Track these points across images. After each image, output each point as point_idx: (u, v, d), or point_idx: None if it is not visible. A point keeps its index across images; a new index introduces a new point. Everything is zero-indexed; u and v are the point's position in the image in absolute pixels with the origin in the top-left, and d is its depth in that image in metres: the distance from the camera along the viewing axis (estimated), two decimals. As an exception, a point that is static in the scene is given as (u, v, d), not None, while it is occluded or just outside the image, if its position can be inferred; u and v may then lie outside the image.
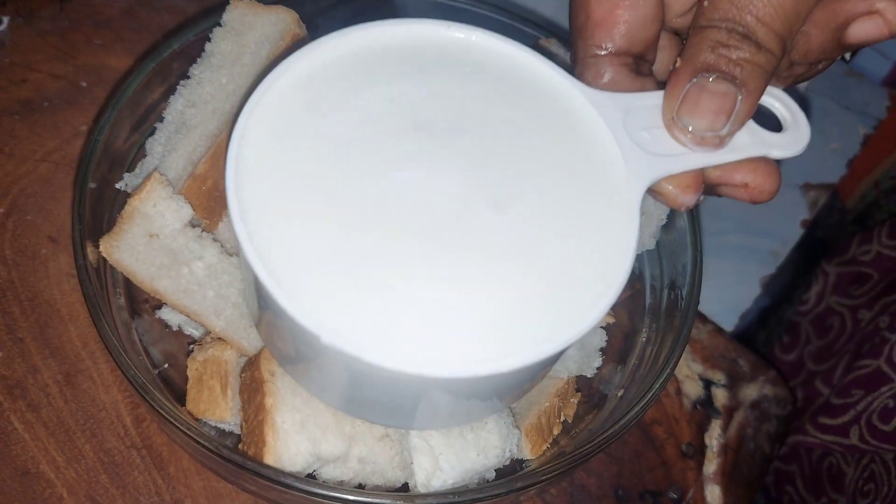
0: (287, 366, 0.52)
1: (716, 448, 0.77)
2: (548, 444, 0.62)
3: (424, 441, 0.53)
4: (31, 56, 0.83)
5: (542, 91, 0.50)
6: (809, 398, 1.04)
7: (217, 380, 0.57)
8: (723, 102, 0.46)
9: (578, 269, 0.45)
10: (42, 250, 0.72)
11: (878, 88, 1.21)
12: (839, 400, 0.98)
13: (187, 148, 0.58)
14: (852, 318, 1.05)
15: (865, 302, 1.04)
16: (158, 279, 0.56)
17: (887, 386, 0.92)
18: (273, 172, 0.45)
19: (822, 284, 1.11)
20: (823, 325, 1.09)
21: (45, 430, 0.65)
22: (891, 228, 1.05)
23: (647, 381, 0.61)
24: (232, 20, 0.63)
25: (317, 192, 0.45)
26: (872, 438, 0.94)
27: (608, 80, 0.50)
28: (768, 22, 0.45)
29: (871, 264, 1.06)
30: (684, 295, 0.64)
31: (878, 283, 1.04)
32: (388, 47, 0.50)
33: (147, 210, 0.53)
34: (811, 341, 1.10)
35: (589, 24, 0.49)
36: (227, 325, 0.56)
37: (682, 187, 0.49)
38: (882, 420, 0.92)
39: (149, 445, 0.65)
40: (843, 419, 0.96)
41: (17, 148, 0.77)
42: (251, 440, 0.52)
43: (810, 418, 1.01)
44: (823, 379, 1.03)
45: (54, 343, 0.68)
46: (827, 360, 1.06)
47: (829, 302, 1.09)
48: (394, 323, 0.42)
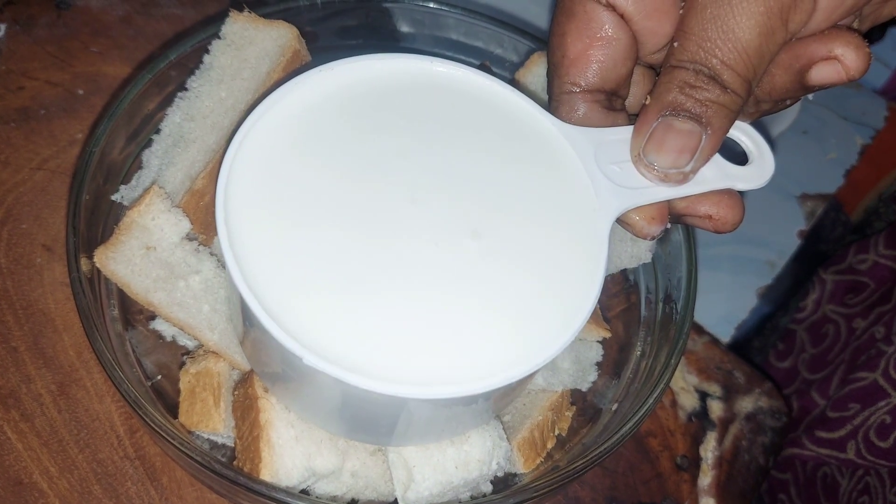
0: (269, 384, 0.54)
1: (711, 460, 0.77)
2: (541, 457, 0.62)
3: (399, 454, 0.53)
4: (28, 64, 0.83)
5: (520, 125, 0.53)
6: (805, 408, 1.04)
7: (210, 392, 0.57)
8: (687, 141, 0.48)
9: (549, 296, 0.47)
10: (37, 259, 0.72)
11: (875, 98, 1.21)
12: (835, 413, 0.98)
13: (185, 162, 0.58)
14: (847, 326, 1.06)
15: (861, 311, 1.05)
16: (153, 292, 0.56)
17: (884, 401, 0.92)
18: (261, 199, 0.47)
19: (818, 292, 1.11)
20: (819, 333, 1.09)
21: (39, 440, 0.65)
22: (888, 238, 1.05)
23: (642, 394, 0.61)
24: (231, 33, 0.63)
25: (302, 220, 0.47)
26: (869, 454, 0.94)
27: (581, 116, 0.52)
28: (733, 65, 0.47)
29: (868, 273, 1.06)
30: (679, 308, 0.64)
31: (875, 293, 1.04)
32: (372, 82, 0.52)
33: (145, 223, 0.53)
34: (806, 349, 1.10)
35: (564, 63, 0.51)
36: (220, 339, 0.56)
37: (648, 219, 0.51)
38: (879, 436, 0.92)
39: (142, 456, 0.65)
40: (839, 433, 0.97)
41: (13, 156, 0.77)
42: (246, 456, 0.52)
43: (806, 431, 1.01)
44: (819, 389, 1.03)
45: (48, 352, 0.68)
46: (822, 370, 1.06)
47: (826, 310, 1.09)
48: (372, 345, 0.44)
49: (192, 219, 0.56)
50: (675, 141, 0.48)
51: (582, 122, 0.52)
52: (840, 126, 1.15)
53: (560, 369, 0.64)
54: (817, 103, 1.14)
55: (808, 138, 1.12)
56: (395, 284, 0.46)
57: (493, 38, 0.74)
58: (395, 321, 0.45)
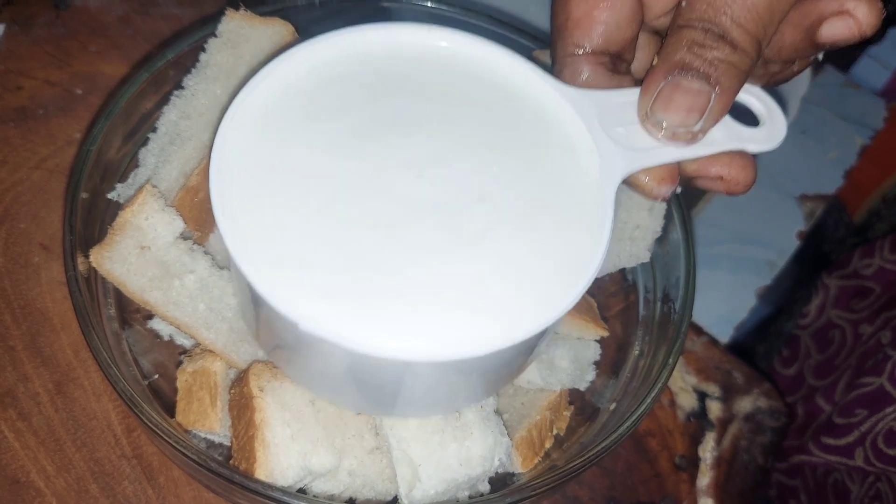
0: (280, 363, 0.53)
1: (709, 461, 0.77)
2: (539, 457, 0.61)
3: (404, 452, 0.53)
4: (26, 63, 0.83)
5: (521, 90, 0.52)
6: (811, 414, 1.04)
7: (206, 391, 0.57)
8: (696, 100, 0.47)
9: (555, 258, 0.46)
10: (35, 258, 0.72)
11: (875, 99, 1.21)
12: (842, 419, 0.98)
13: (181, 160, 0.58)
14: (853, 332, 1.05)
15: (867, 316, 1.04)
16: (149, 291, 0.56)
17: (892, 406, 0.92)
18: (255, 167, 0.47)
19: (822, 297, 1.11)
20: (824, 338, 1.09)
21: (36, 438, 0.65)
22: (893, 242, 1.05)
23: (640, 394, 0.61)
24: (227, 31, 0.63)
25: (298, 187, 0.46)
26: (878, 461, 0.94)
27: (585, 79, 0.51)
28: (743, 23, 0.46)
29: (873, 278, 1.05)
30: (677, 307, 0.64)
31: (880, 298, 1.04)
32: (370, 50, 0.52)
33: (139, 222, 0.53)
34: (811, 355, 1.10)
35: (568, 25, 0.50)
36: (217, 337, 0.56)
37: (658, 179, 0.50)
38: (888, 443, 0.92)
39: (139, 455, 0.65)
40: (847, 440, 0.96)
41: (11, 155, 0.77)
42: (242, 456, 0.52)
43: (813, 437, 1.00)
44: (824, 395, 1.03)
45: (46, 351, 0.68)
46: (828, 376, 1.05)
47: (830, 315, 1.09)
48: (376, 308, 0.44)
49: (187, 216, 0.56)
50: (683, 99, 0.47)
51: (586, 85, 0.51)
52: (839, 126, 1.15)
53: (558, 368, 0.64)
54: (817, 103, 1.14)
55: (807, 138, 1.12)
56: (398, 250, 0.45)
57: (492, 37, 0.74)
58: (399, 285, 0.44)
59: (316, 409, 0.54)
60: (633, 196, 0.63)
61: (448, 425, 0.55)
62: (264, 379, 0.52)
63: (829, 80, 1.19)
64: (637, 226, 0.64)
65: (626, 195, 0.63)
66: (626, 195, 0.63)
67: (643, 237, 0.65)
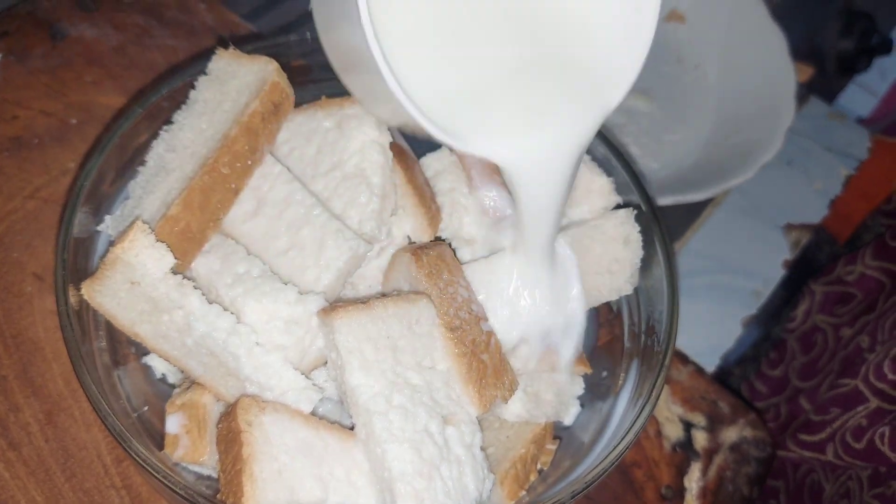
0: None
1: (695, 491, 0.78)
2: (524, 490, 0.62)
3: (410, 486, 0.53)
4: (22, 93, 0.84)
5: None
6: (793, 414, 1.07)
7: (195, 423, 0.57)
8: None
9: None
10: (27, 288, 0.73)
11: (859, 130, 1.23)
12: (818, 417, 1.01)
13: (163, 190, 0.60)
14: (835, 335, 1.08)
15: (848, 320, 1.07)
16: (139, 324, 0.56)
17: (863, 405, 0.95)
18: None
19: (808, 303, 1.13)
20: (809, 342, 1.12)
21: (26, 468, 0.65)
22: (874, 250, 1.07)
23: (624, 425, 0.61)
24: (216, 69, 0.64)
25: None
26: (846, 455, 0.96)
27: None
28: None
29: (856, 284, 1.08)
30: (661, 339, 0.65)
31: (861, 302, 1.06)
32: None
33: (129, 259, 0.54)
34: (797, 357, 1.13)
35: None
36: (205, 371, 0.57)
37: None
38: (855, 438, 0.95)
39: (128, 486, 0.66)
40: (820, 436, 0.99)
41: (6, 185, 0.78)
42: (230, 490, 0.52)
43: (791, 434, 1.03)
44: (808, 396, 1.05)
45: (37, 381, 0.69)
46: (812, 378, 1.08)
47: (815, 320, 1.12)
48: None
49: (167, 245, 0.56)
50: None
51: None
52: (824, 157, 1.16)
53: (542, 401, 0.65)
54: (801, 134, 1.16)
55: (792, 169, 1.14)
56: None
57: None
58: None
59: (304, 443, 0.54)
60: (606, 230, 0.64)
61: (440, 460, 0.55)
62: (252, 413, 0.53)
63: (814, 111, 1.21)
64: (615, 259, 0.65)
65: (599, 230, 0.65)
66: (599, 230, 0.65)
67: (621, 270, 0.65)
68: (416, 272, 0.59)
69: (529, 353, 0.64)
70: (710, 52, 1.15)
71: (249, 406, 0.53)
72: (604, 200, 0.69)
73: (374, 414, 0.53)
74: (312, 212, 0.61)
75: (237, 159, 0.60)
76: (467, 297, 0.61)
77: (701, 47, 1.16)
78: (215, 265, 0.60)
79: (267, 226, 0.62)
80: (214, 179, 0.59)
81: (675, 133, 1.08)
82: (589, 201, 0.70)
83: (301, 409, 0.56)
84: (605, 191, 0.69)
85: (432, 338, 0.58)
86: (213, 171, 0.59)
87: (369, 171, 0.64)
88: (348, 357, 0.54)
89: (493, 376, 0.59)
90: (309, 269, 0.60)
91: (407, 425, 0.54)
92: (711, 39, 1.15)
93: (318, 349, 0.59)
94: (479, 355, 0.58)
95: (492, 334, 0.61)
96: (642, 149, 1.04)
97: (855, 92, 1.53)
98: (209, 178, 0.59)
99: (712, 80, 1.13)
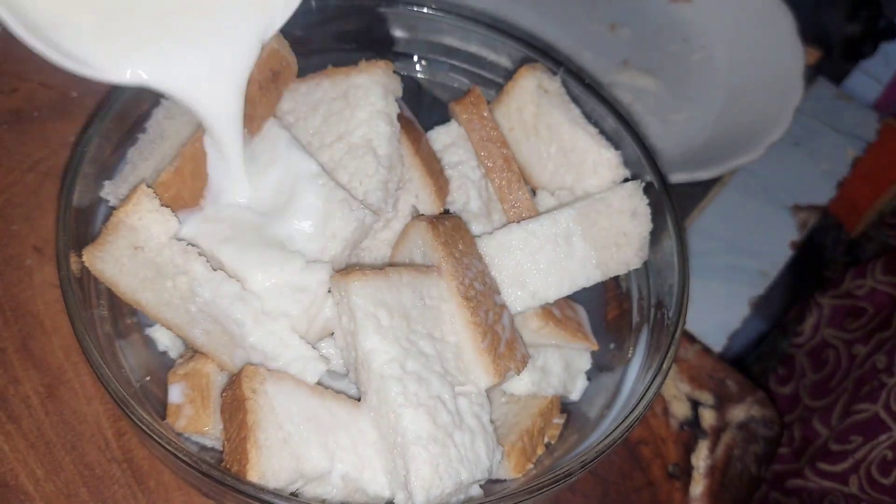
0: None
1: (703, 469, 0.77)
2: (531, 463, 0.61)
3: (425, 450, 0.52)
4: (22, 66, 0.82)
5: None
6: (807, 438, 1.05)
7: (198, 393, 0.56)
8: None
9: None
10: (27, 260, 0.72)
11: (867, 111, 1.22)
12: (838, 446, 0.99)
13: (157, 157, 0.59)
14: (847, 353, 1.07)
15: (861, 336, 1.06)
16: (141, 291, 0.55)
17: (885, 434, 0.94)
18: None
19: (816, 317, 1.12)
20: (819, 358, 1.10)
21: (25, 441, 0.64)
22: (885, 265, 1.06)
23: (632, 401, 0.60)
24: None
25: None
26: (872, 490, 0.95)
27: None
28: None
29: (866, 298, 1.07)
30: (671, 314, 0.64)
31: (874, 318, 1.05)
32: None
33: (133, 222, 0.53)
34: (807, 374, 1.11)
35: None
36: (208, 340, 0.56)
37: None
38: (881, 473, 0.94)
39: (129, 459, 0.65)
40: (842, 466, 0.98)
41: (5, 157, 0.77)
42: (234, 458, 0.51)
43: (809, 463, 1.01)
44: (821, 418, 1.04)
45: (37, 354, 0.68)
46: (824, 397, 1.07)
47: (825, 335, 1.11)
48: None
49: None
50: None
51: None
52: (831, 138, 1.16)
53: (550, 373, 0.64)
54: (810, 115, 1.15)
55: (800, 150, 1.13)
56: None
57: (487, 43, 0.75)
58: None
59: (309, 412, 0.53)
60: (612, 203, 0.63)
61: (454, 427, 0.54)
62: (257, 381, 0.52)
63: (822, 91, 1.20)
64: (623, 232, 0.64)
65: (605, 203, 0.64)
66: (605, 203, 0.64)
67: (629, 243, 0.64)
68: (432, 241, 0.58)
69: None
70: (716, 31, 1.14)
71: (254, 374, 0.52)
72: (612, 174, 0.68)
73: (388, 378, 0.52)
74: (318, 181, 0.60)
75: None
76: (481, 269, 0.60)
77: (707, 27, 1.15)
78: (219, 233, 0.59)
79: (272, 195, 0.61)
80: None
81: (681, 112, 1.07)
82: (597, 175, 0.69)
83: (306, 380, 0.55)
84: (612, 164, 0.68)
85: (441, 311, 0.57)
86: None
87: (376, 141, 0.63)
88: (364, 321, 0.53)
89: (507, 348, 0.58)
90: (315, 240, 0.60)
91: (421, 391, 0.53)
92: (718, 19, 1.14)
93: (324, 319, 0.58)
94: (493, 326, 0.58)
95: (504, 307, 0.60)
96: (648, 128, 1.03)
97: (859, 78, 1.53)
98: (201, 145, 0.58)
99: (719, 60, 1.13)
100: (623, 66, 1.11)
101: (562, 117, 0.68)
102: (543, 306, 0.64)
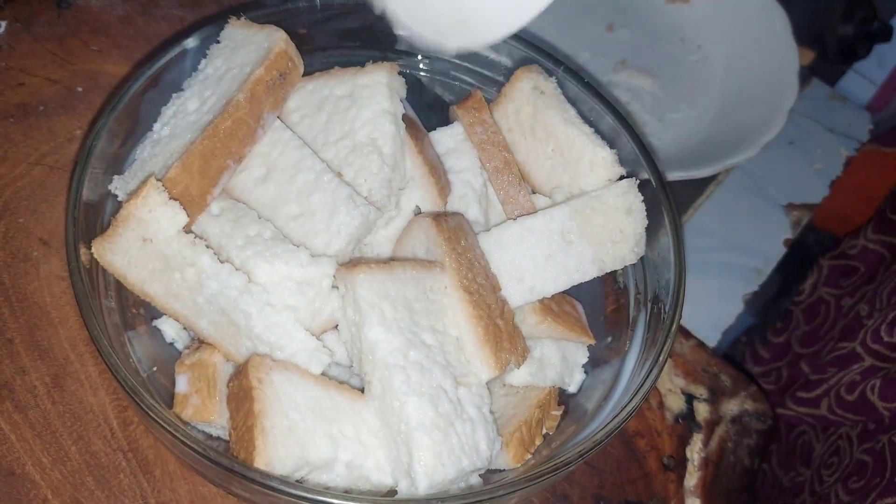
0: None
1: (697, 461, 0.79)
2: (530, 453, 0.63)
3: (428, 436, 0.53)
4: (28, 60, 0.83)
5: None
6: (793, 377, 1.10)
7: (205, 383, 0.57)
8: None
9: None
10: (34, 253, 0.73)
11: (861, 112, 1.24)
12: (815, 376, 1.04)
13: (165, 154, 0.60)
14: (836, 305, 1.10)
15: (849, 291, 1.10)
16: (149, 283, 0.56)
17: (858, 364, 0.98)
18: None
19: (815, 277, 1.16)
20: (812, 312, 1.15)
21: (32, 431, 0.65)
22: (876, 224, 1.09)
23: (628, 393, 0.62)
24: (227, 37, 0.66)
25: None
26: (838, 408, 1.00)
27: None
28: None
29: (858, 257, 1.11)
30: (667, 309, 0.65)
31: (864, 275, 1.09)
32: None
33: (142, 215, 0.54)
34: (800, 326, 1.15)
35: None
36: (215, 331, 0.57)
37: None
38: (847, 391, 0.98)
39: (135, 448, 0.66)
40: (816, 392, 1.03)
41: (12, 151, 0.78)
42: (241, 446, 0.53)
43: (791, 394, 1.06)
44: (808, 361, 1.08)
45: (43, 345, 0.69)
46: (813, 344, 1.11)
47: (821, 292, 1.15)
48: None
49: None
50: None
51: None
52: (825, 137, 1.17)
53: (547, 365, 0.65)
54: (804, 114, 1.16)
55: (794, 149, 1.15)
56: None
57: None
58: None
59: (314, 401, 0.55)
60: (607, 200, 0.65)
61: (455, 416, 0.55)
62: (263, 370, 0.53)
63: (817, 92, 1.22)
64: (618, 229, 0.65)
65: (600, 201, 0.65)
66: (600, 201, 0.65)
67: (624, 239, 0.66)
68: (436, 237, 0.59)
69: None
70: (713, 32, 1.15)
71: (260, 363, 0.54)
72: (607, 172, 0.70)
73: (392, 367, 0.54)
74: (323, 177, 0.62)
75: (238, 126, 0.60)
76: (483, 265, 0.62)
77: (704, 27, 1.16)
78: (226, 227, 0.60)
79: (277, 191, 0.62)
80: (215, 145, 0.59)
81: (678, 112, 1.08)
82: (593, 173, 0.70)
83: (311, 370, 0.56)
84: (608, 163, 0.69)
85: (443, 305, 0.59)
86: (213, 136, 0.59)
87: (381, 140, 0.64)
88: (368, 312, 0.54)
89: (508, 341, 0.59)
90: (319, 235, 0.61)
91: (424, 381, 0.54)
92: (714, 20, 1.16)
93: (329, 312, 0.59)
94: (495, 320, 0.59)
95: (505, 302, 0.62)
96: (646, 127, 1.05)
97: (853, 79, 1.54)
98: (209, 142, 0.59)
99: (715, 61, 1.14)
100: (621, 66, 1.12)
101: (557, 118, 0.69)
102: (542, 301, 0.65)
